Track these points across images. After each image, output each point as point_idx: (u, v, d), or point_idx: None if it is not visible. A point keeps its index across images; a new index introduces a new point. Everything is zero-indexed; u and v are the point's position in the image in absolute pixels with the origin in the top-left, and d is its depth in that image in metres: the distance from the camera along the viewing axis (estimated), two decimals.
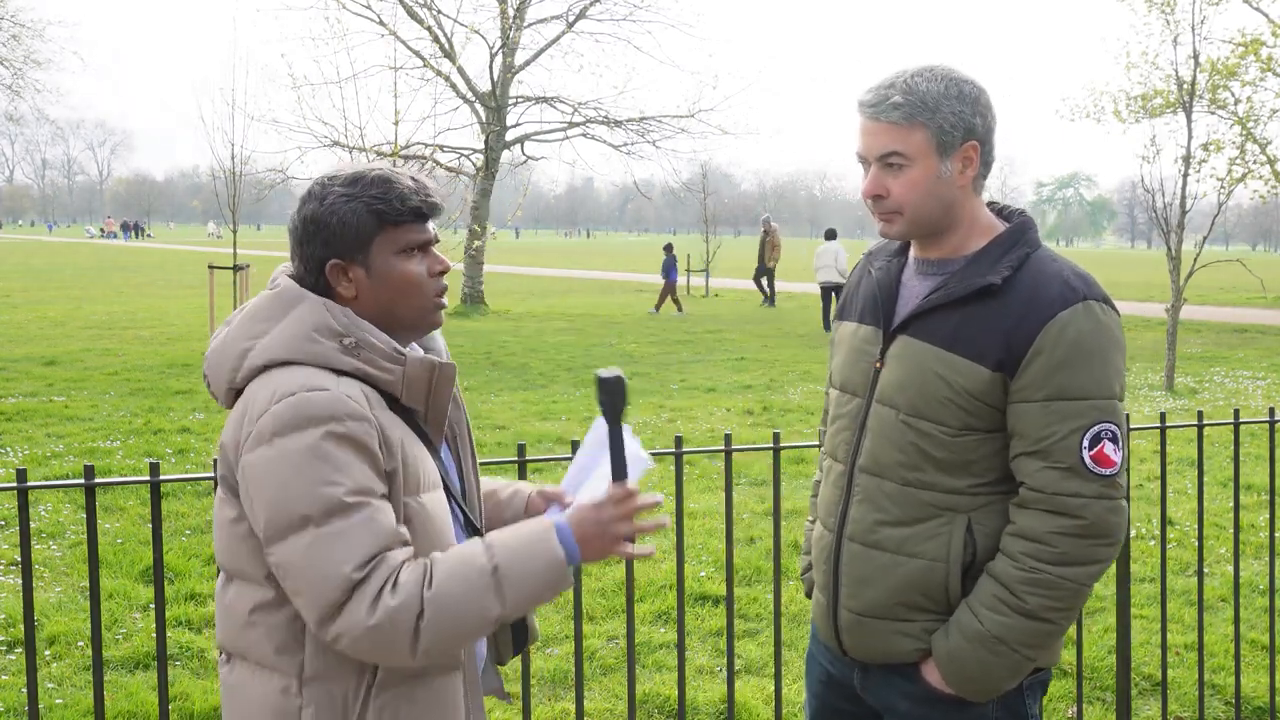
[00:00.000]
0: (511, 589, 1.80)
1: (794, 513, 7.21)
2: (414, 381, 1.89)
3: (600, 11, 25.44)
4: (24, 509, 2.66)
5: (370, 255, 1.90)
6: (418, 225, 1.92)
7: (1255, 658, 5.05)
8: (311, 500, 1.74)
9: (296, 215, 1.93)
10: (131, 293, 27.68)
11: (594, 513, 1.89)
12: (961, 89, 2.13)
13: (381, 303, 1.92)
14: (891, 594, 2.20)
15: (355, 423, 1.78)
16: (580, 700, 3.21)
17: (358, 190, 1.89)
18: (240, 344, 1.89)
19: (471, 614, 1.78)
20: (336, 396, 1.79)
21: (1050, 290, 2.10)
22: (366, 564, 1.75)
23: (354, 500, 1.76)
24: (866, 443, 2.24)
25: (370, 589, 1.74)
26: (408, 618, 1.74)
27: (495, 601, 1.79)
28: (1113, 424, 2.09)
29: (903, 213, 2.18)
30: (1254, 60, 19.91)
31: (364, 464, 1.78)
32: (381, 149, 17.15)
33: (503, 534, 1.87)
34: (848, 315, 2.39)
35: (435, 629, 1.76)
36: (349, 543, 1.74)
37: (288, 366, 1.83)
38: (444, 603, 1.76)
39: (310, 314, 1.87)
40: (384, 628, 1.73)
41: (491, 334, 19.18)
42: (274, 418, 1.77)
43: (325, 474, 1.75)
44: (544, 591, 1.84)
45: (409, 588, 1.75)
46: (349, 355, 1.85)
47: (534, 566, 1.82)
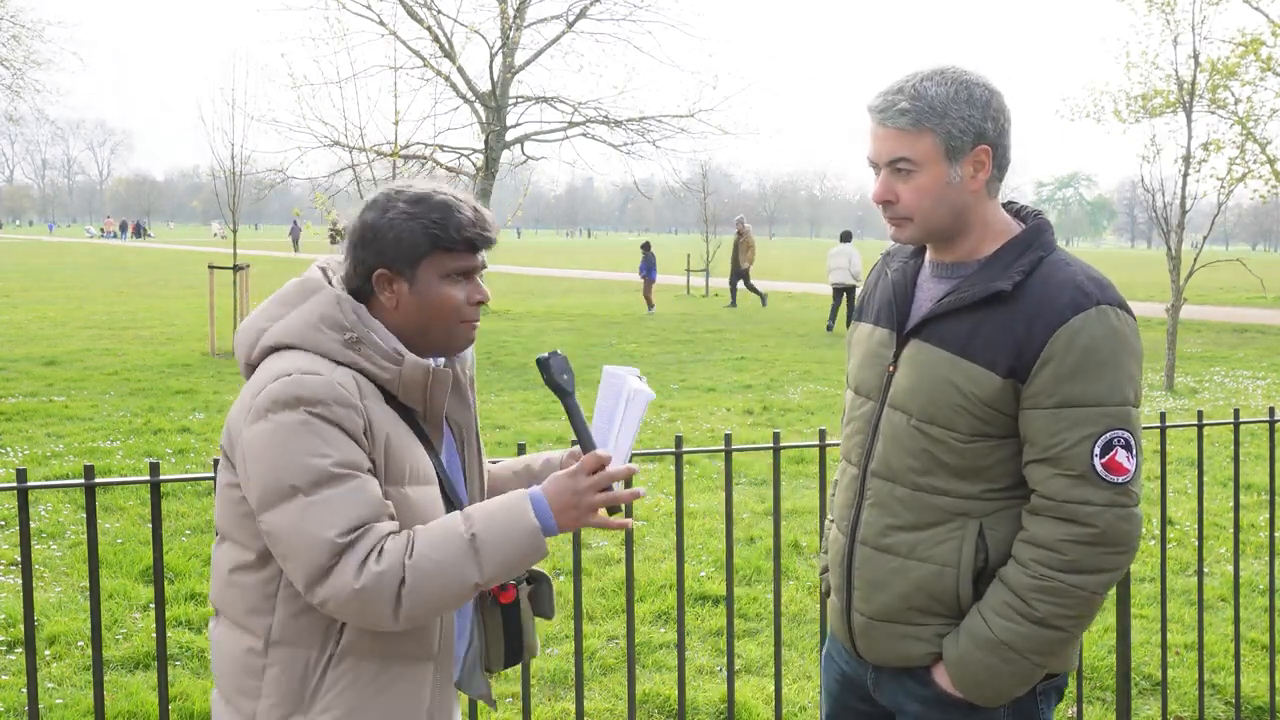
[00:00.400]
0: (488, 556, 1.87)
1: (794, 513, 7.21)
2: (409, 383, 1.98)
3: (600, 11, 25.44)
4: (24, 509, 2.66)
5: (417, 273, 1.99)
6: (468, 254, 2.01)
7: (1255, 658, 5.05)
8: (301, 471, 1.84)
9: (358, 218, 2.02)
10: (131, 293, 27.67)
11: (568, 482, 1.93)
12: (972, 93, 2.10)
13: (417, 319, 2.01)
14: (903, 598, 2.19)
15: (341, 408, 1.88)
16: (580, 700, 3.21)
17: (420, 211, 1.98)
18: (260, 324, 2.02)
19: (451, 580, 1.86)
20: (328, 382, 1.89)
21: (1062, 296, 2.07)
22: (352, 530, 1.83)
23: (341, 471, 1.85)
24: (879, 447, 2.23)
25: (356, 555, 1.83)
26: (391, 584, 1.82)
27: (473, 568, 1.87)
28: (1125, 431, 2.06)
29: (912, 219, 2.16)
30: (1254, 60, 19.90)
31: (345, 441, 1.87)
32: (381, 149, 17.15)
33: (481, 505, 1.93)
34: (864, 316, 2.37)
35: (415, 594, 1.84)
36: (335, 510, 1.83)
37: (292, 350, 1.95)
38: (424, 569, 1.84)
39: (321, 305, 1.98)
40: (368, 592, 1.82)
41: (491, 334, 19.18)
42: (269, 395, 1.88)
43: (314, 447, 1.85)
44: (520, 559, 1.91)
45: (392, 555, 1.83)
46: (349, 349, 1.95)
47: (510, 534, 1.89)
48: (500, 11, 24.22)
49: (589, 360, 15.63)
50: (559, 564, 6.24)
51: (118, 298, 25.91)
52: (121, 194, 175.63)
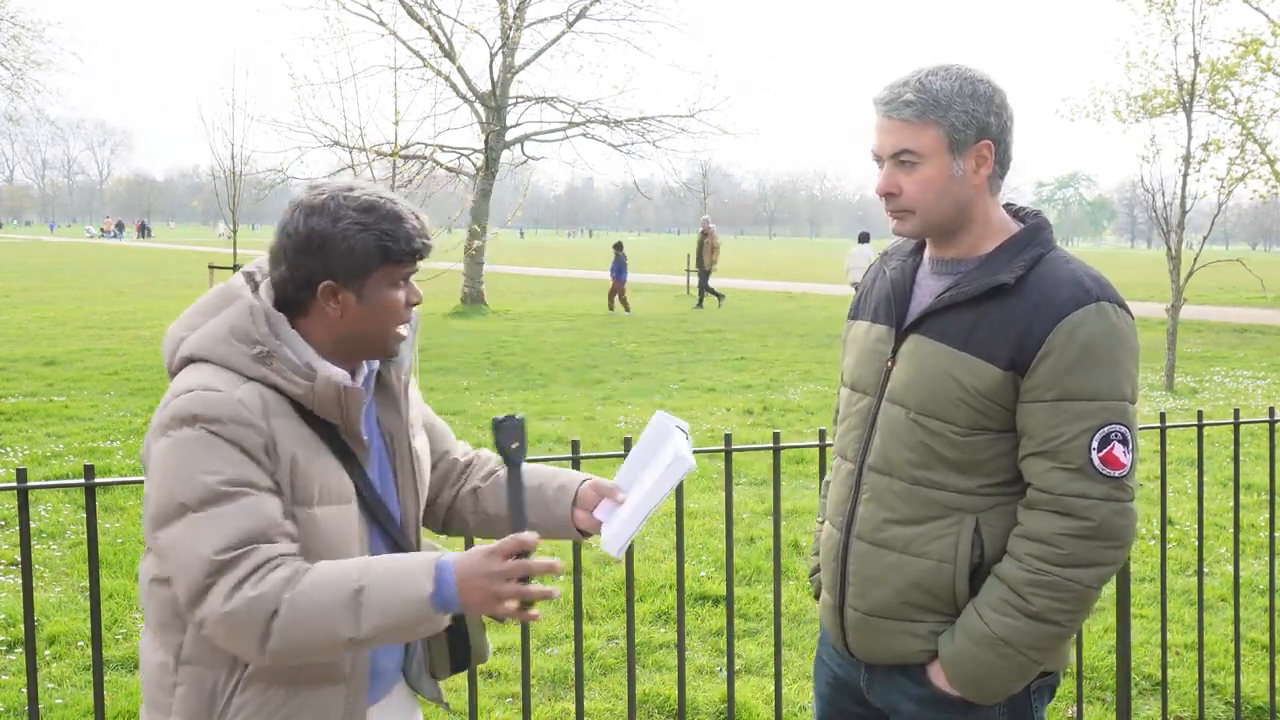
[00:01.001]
0: (369, 615, 1.77)
1: (794, 513, 7.21)
2: (323, 398, 1.92)
3: (600, 11, 25.45)
4: (24, 509, 2.66)
5: (366, 284, 1.95)
6: (413, 263, 1.99)
7: (1255, 658, 5.05)
8: (191, 488, 1.80)
9: (302, 223, 1.93)
10: (131, 293, 27.67)
11: (483, 562, 1.79)
12: (975, 88, 2.12)
13: (359, 328, 1.97)
14: (898, 593, 2.20)
15: (239, 427, 1.84)
16: (580, 700, 3.21)
17: (372, 221, 1.92)
18: (179, 333, 1.99)
19: (322, 628, 1.77)
20: (228, 399, 1.85)
21: (1063, 291, 2.09)
22: (232, 549, 1.77)
23: (230, 489, 1.80)
24: (876, 441, 2.24)
25: (234, 576, 1.76)
26: (261, 613, 1.75)
27: (350, 623, 1.77)
28: (1123, 426, 2.07)
29: (915, 211, 2.17)
30: (1254, 60, 19.90)
31: (241, 460, 1.83)
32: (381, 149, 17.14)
33: (387, 559, 1.84)
34: (861, 314, 2.38)
35: (286, 632, 1.76)
36: (218, 528, 1.78)
37: (203, 364, 1.92)
38: (300, 607, 1.76)
39: (233, 316, 1.94)
40: (236, 616, 1.75)
41: (491, 334, 19.17)
42: (170, 412, 1.86)
43: (206, 464, 1.81)
44: (404, 627, 1.79)
45: (272, 583, 1.76)
46: (258, 363, 1.90)
47: (397, 598, 1.78)
48: (500, 11, 24.22)
49: (589, 360, 15.63)
50: None
51: (118, 298, 25.91)
52: (121, 194, 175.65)
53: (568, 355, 16.20)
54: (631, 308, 24.21)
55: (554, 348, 17.10)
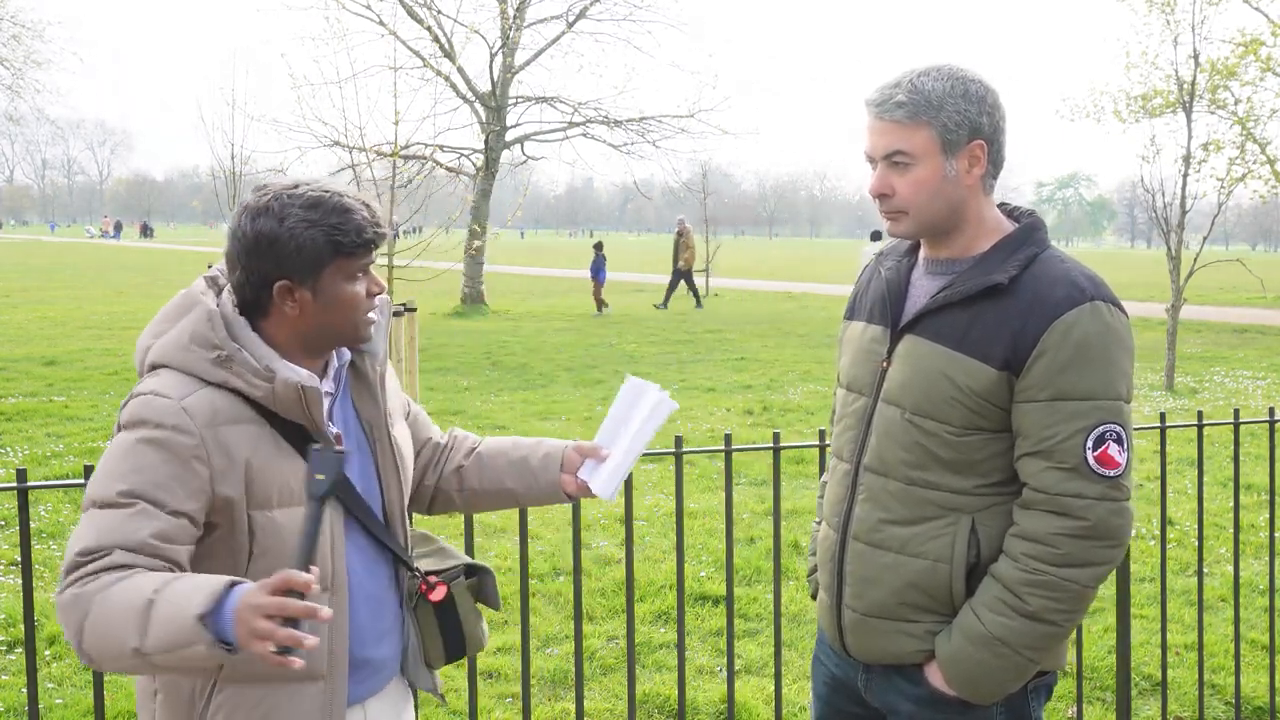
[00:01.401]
0: (154, 628, 1.70)
1: (794, 513, 7.21)
2: (283, 400, 1.93)
3: (600, 11, 25.44)
4: (24, 509, 2.66)
5: (320, 280, 1.96)
6: (367, 254, 2.00)
7: (1255, 658, 5.05)
8: (99, 487, 1.86)
9: (249, 226, 1.93)
10: (131, 293, 27.68)
11: (251, 594, 1.67)
12: (967, 88, 2.13)
13: (319, 323, 1.99)
14: (895, 594, 2.20)
15: (177, 435, 1.86)
16: (580, 700, 3.21)
17: (318, 217, 1.93)
18: (147, 340, 2.01)
19: (114, 635, 1.74)
20: (172, 406, 1.87)
21: (1057, 290, 2.09)
22: (91, 552, 1.80)
23: (122, 500, 1.83)
24: (872, 442, 2.24)
25: (77, 574, 1.79)
26: (79, 611, 1.77)
27: (136, 633, 1.72)
28: (1118, 425, 2.07)
29: (908, 212, 2.18)
30: (1254, 60, 19.90)
31: (165, 472, 1.84)
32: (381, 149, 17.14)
33: (192, 577, 1.76)
34: (856, 315, 2.39)
35: (91, 633, 1.75)
36: (93, 529, 1.82)
37: (164, 370, 1.94)
38: (100, 613, 1.75)
39: (193, 323, 1.96)
40: (64, 609, 1.78)
41: (491, 334, 19.18)
42: (124, 413, 1.92)
43: (119, 469, 1.85)
44: (178, 644, 1.69)
45: (97, 585, 1.77)
46: (219, 368, 1.92)
47: (176, 615, 1.69)
48: (500, 11, 24.22)
49: (589, 360, 15.63)
50: (559, 564, 6.24)
51: (118, 298, 25.92)
52: (121, 194, 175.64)
53: (568, 355, 16.20)
54: (608, 307, 23.94)
55: (554, 348, 17.10)
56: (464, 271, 24.29)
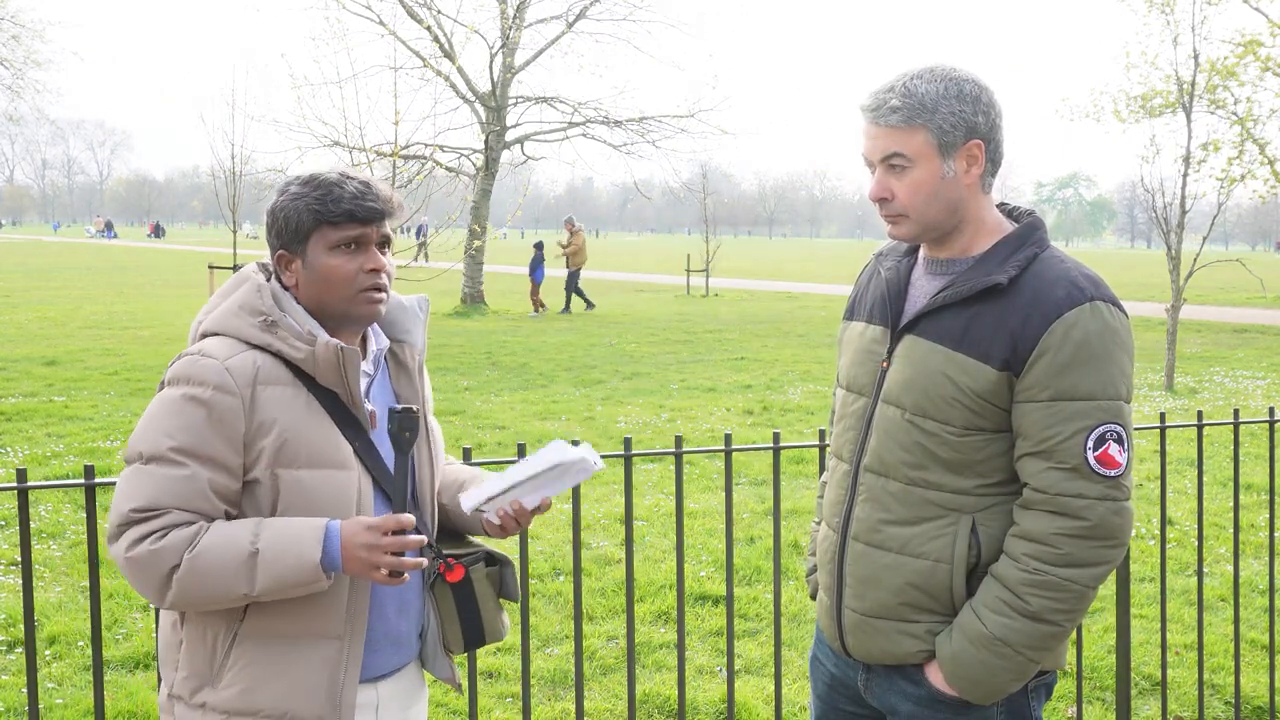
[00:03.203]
0: (264, 574, 1.95)
1: (794, 513, 7.21)
2: (323, 362, 2.05)
3: (600, 11, 25.44)
4: (24, 509, 2.66)
5: (307, 250, 2.11)
6: (352, 225, 2.09)
7: (1255, 658, 5.05)
8: (148, 442, 1.99)
9: (269, 206, 2.16)
10: (131, 293, 27.67)
11: (366, 535, 1.97)
12: (961, 88, 2.12)
13: (312, 293, 2.12)
14: (895, 594, 2.20)
15: (219, 394, 1.98)
16: (580, 700, 3.21)
17: (305, 190, 2.10)
18: (201, 316, 2.17)
19: (221, 585, 1.95)
20: (216, 366, 2.00)
21: (1057, 290, 2.09)
22: (146, 510, 1.96)
23: (175, 456, 1.97)
24: (872, 442, 2.24)
25: (139, 530, 1.95)
26: (162, 565, 1.94)
27: (245, 582, 1.95)
28: (1118, 425, 2.07)
29: (909, 215, 2.18)
30: (1253, 60, 19.91)
31: (210, 430, 1.98)
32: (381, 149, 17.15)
33: (278, 521, 2.00)
34: (856, 315, 2.39)
35: (185, 585, 1.95)
36: (146, 486, 1.97)
37: (214, 336, 2.09)
38: (199, 566, 1.94)
39: (243, 294, 2.12)
40: (138, 563, 1.95)
41: (491, 334, 19.17)
42: (170, 371, 2.05)
43: (169, 425, 1.99)
44: (293, 586, 1.98)
45: (173, 541, 1.94)
46: (264, 332, 2.06)
47: (290, 561, 1.95)
48: (500, 11, 24.23)
49: (589, 360, 15.63)
50: (559, 564, 6.25)
51: (118, 298, 25.91)
52: (121, 194, 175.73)
53: (568, 355, 16.20)
54: (544, 308, 23.63)
55: (554, 348, 17.09)
56: (464, 271, 24.29)
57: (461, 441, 9.26)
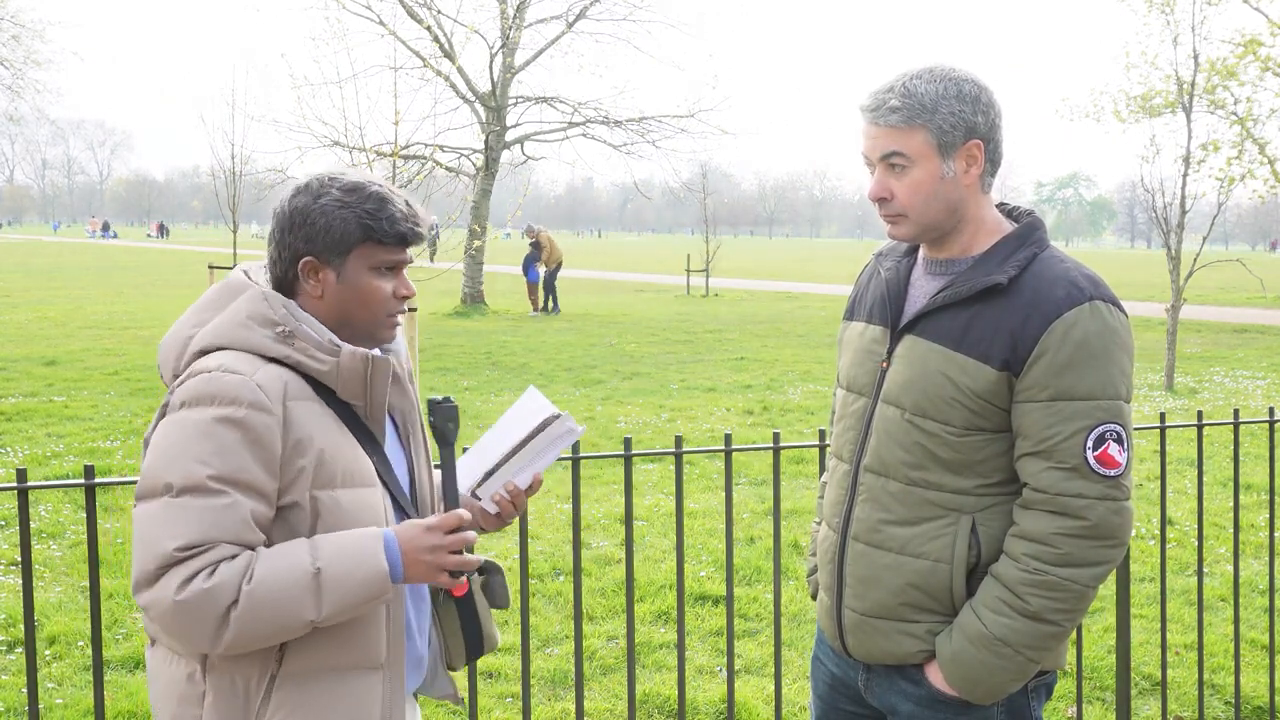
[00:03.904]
0: (330, 594, 1.80)
1: (794, 513, 7.21)
2: (348, 374, 1.93)
3: (600, 11, 25.43)
4: (24, 509, 2.66)
5: (346, 263, 1.95)
6: (398, 248, 1.98)
7: (1255, 658, 5.05)
8: (179, 471, 1.80)
9: (287, 203, 1.96)
10: (132, 293, 27.67)
11: (425, 537, 1.87)
12: (961, 88, 2.13)
13: (340, 310, 1.97)
14: (895, 594, 2.20)
15: (254, 412, 1.82)
16: (580, 700, 3.21)
17: (354, 200, 1.94)
18: (186, 332, 1.97)
19: (285, 613, 1.78)
20: (245, 382, 1.83)
21: (1057, 290, 2.09)
22: (192, 547, 1.77)
23: (215, 485, 1.79)
24: (872, 442, 2.24)
25: (186, 570, 1.76)
26: (219, 604, 1.75)
27: (312, 604, 1.80)
28: (1118, 425, 2.08)
29: (908, 215, 2.18)
30: (1253, 60, 19.91)
31: (247, 453, 1.81)
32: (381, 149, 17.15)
33: (331, 538, 1.85)
34: (856, 315, 2.39)
35: (245, 621, 1.76)
36: (187, 520, 1.77)
37: (221, 350, 1.90)
38: (260, 596, 1.77)
39: (248, 303, 1.94)
40: (189, 607, 1.75)
41: (491, 334, 19.17)
42: (185, 390, 1.86)
43: (202, 452, 1.80)
44: (363, 601, 1.84)
45: (226, 575, 1.76)
46: (281, 344, 1.90)
47: (357, 575, 1.82)
48: (500, 11, 24.23)
49: (589, 360, 15.63)
50: (559, 564, 6.24)
51: (118, 298, 25.91)
52: (121, 194, 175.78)
53: (568, 355, 16.20)
54: (537, 307, 23.61)
55: (554, 348, 17.09)
56: (464, 271, 24.29)
57: (461, 442, 9.24)
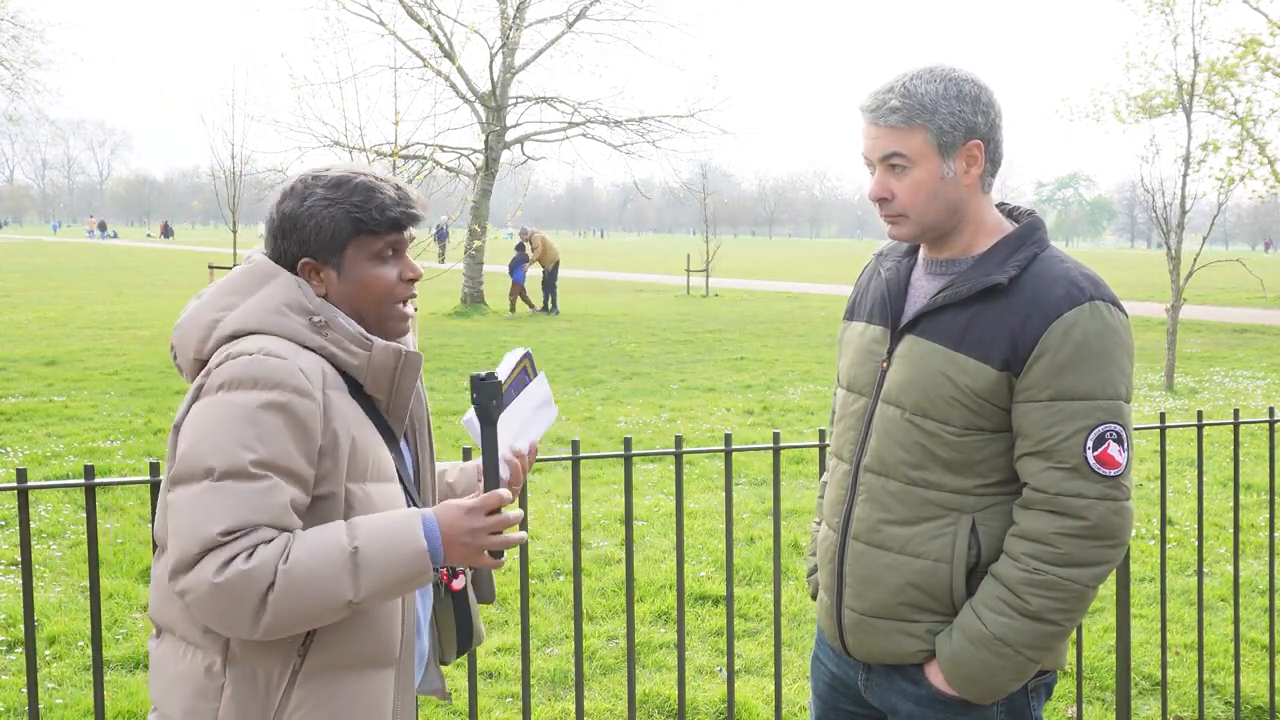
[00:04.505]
0: (368, 574, 1.77)
1: (794, 513, 7.21)
2: (378, 368, 1.92)
3: (600, 11, 25.46)
4: (24, 509, 2.66)
5: (343, 259, 1.94)
6: (394, 233, 1.96)
7: (1255, 658, 5.05)
8: (221, 455, 1.76)
9: (275, 209, 1.95)
10: (132, 293, 27.67)
11: (465, 519, 1.85)
12: (960, 88, 2.13)
13: (349, 305, 1.96)
14: (895, 594, 2.20)
15: (298, 397, 1.80)
16: (580, 700, 3.21)
17: (339, 196, 1.92)
18: (210, 315, 1.92)
19: (323, 593, 1.75)
20: (289, 367, 1.81)
21: (1057, 290, 2.09)
22: (234, 531, 1.74)
23: (257, 470, 1.76)
24: (872, 442, 2.24)
25: (226, 552, 1.73)
26: (257, 586, 1.72)
27: (350, 584, 1.76)
28: (1118, 425, 2.08)
29: (908, 215, 2.18)
30: (1253, 60, 19.92)
31: (290, 439, 1.79)
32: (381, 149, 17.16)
33: (369, 519, 1.83)
34: (856, 315, 2.39)
35: (283, 603, 1.73)
36: (229, 505, 1.75)
37: (255, 335, 1.87)
38: (297, 576, 1.73)
39: (283, 289, 1.91)
40: (228, 589, 1.72)
41: (491, 334, 19.18)
42: (225, 372, 1.81)
43: (245, 436, 1.77)
44: (402, 582, 1.81)
45: (264, 556, 1.73)
46: (316, 333, 1.88)
47: (396, 555, 1.79)
48: (500, 11, 24.24)
49: (589, 360, 15.63)
50: (559, 564, 6.24)
51: (118, 298, 25.91)
52: (121, 194, 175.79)
53: (568, 355, 16.20)
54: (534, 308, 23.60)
55: (554, 348, 17.09)
56: (464, 271, 24.30)
57: (462, 442, 9.25)
